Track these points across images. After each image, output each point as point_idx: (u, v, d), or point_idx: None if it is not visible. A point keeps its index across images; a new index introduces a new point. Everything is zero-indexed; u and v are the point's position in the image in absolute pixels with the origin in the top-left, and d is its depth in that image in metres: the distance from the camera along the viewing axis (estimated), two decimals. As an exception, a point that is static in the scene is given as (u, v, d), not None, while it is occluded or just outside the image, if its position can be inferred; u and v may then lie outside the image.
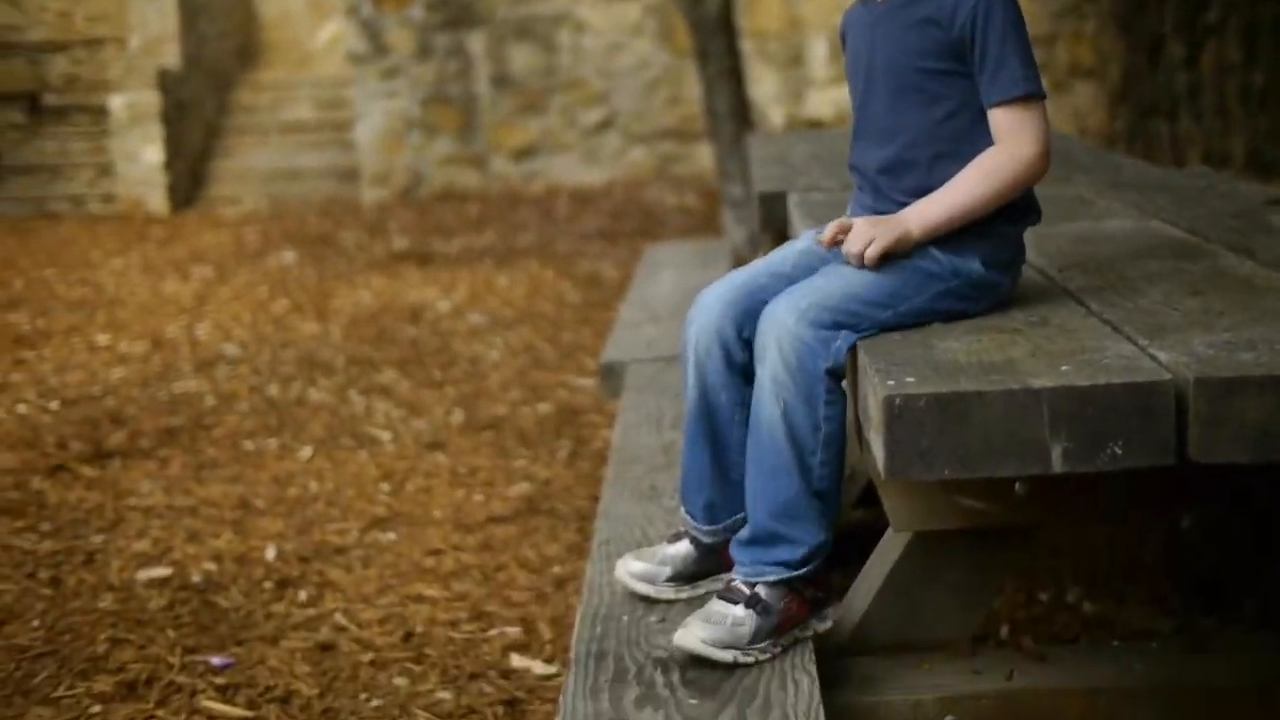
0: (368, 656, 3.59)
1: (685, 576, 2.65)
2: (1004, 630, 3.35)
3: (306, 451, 5.35)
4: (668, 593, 2.65)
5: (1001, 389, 2.06)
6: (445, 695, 3.39)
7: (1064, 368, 2.14)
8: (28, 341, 7.22)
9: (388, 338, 7.02)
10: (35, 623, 3.85)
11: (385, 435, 5.53)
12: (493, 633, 3.74)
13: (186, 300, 8.01)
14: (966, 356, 2.24)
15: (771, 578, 2.41)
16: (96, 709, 3.36)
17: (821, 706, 2.21)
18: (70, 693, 3.44)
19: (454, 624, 3.79)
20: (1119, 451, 2.07)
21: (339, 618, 3.84)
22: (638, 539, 2.97)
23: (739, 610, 2.39)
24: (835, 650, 2.61)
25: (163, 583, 4.10)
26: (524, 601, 3.95)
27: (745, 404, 2.52)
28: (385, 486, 4.94)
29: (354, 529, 4.53)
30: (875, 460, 2.15)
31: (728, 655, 2.35)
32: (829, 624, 2.50)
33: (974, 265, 2.49)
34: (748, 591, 2.41)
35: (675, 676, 2.34)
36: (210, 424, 5.74)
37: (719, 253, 6.80)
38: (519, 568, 4.19)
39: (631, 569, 2.67)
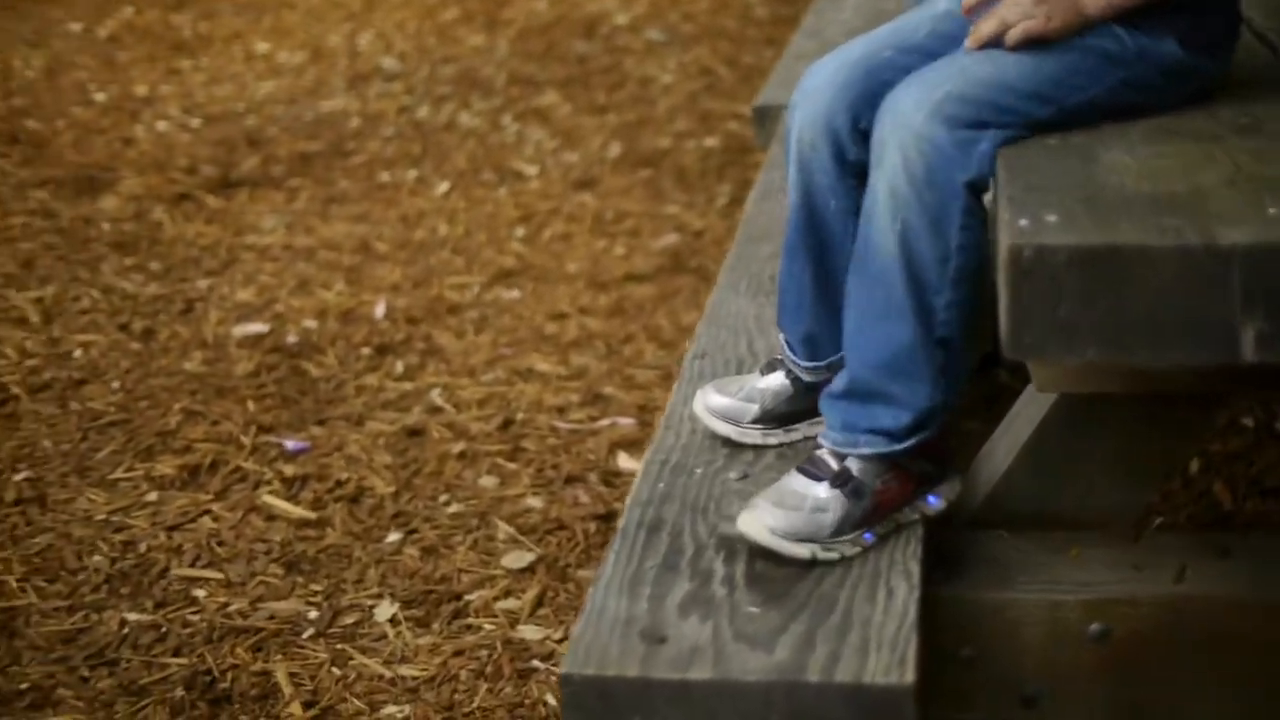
0: (458, 447, 3.19)
1: (776, 417, 2.14)
2: (1193, 465, 2.78)
3: (443, 187, 4.90)
4: (753, 436, 2.15)
5: (1175, 244, 1.46)
6: (534, 503, 2.97)
7: (1272, 210, 1.53)
8: (187, 48, 6.84)
9: (556, 53, 6.46)
10: (115, 384, 3.54)
11: (532, 170, 5.04)
12: (603, 423, 3.30)
13: (355, 5, 7.52)
14: (1138, 181, 1.64)
15: (866, 450, 1.88)
16: (152, 496, 3.03)
17: (915, 630, 1.71)
18: (129, 475, 3.12)
19: (562, 410, 3.36)
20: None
21: (435, 396, 3.43)
22: (740, 355, 2.46)
23: (822, 491, 1.87)
24: (964, 519, 2.10)
25: (255, 342, 3.74)
26: (646, 384, 3.50)
27: (858, 213, 1.95)
28: (520, 232, 4.48)
29: (476, 283, 4.09)
30: (999, 324, 1.59)
31: (803, 550, 1.84)
32: (942, 506, 1.97)
33: (1168, 46, 1.86)
34: (835, 466, 1.89)
35: (739, 568, 1.86)
36: (350, 150, 5.32)
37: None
38: (648, 340, 3.72)
39: (711, 404, 2.17)
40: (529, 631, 2.58)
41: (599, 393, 3.44)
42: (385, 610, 2.64)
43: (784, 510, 1.84)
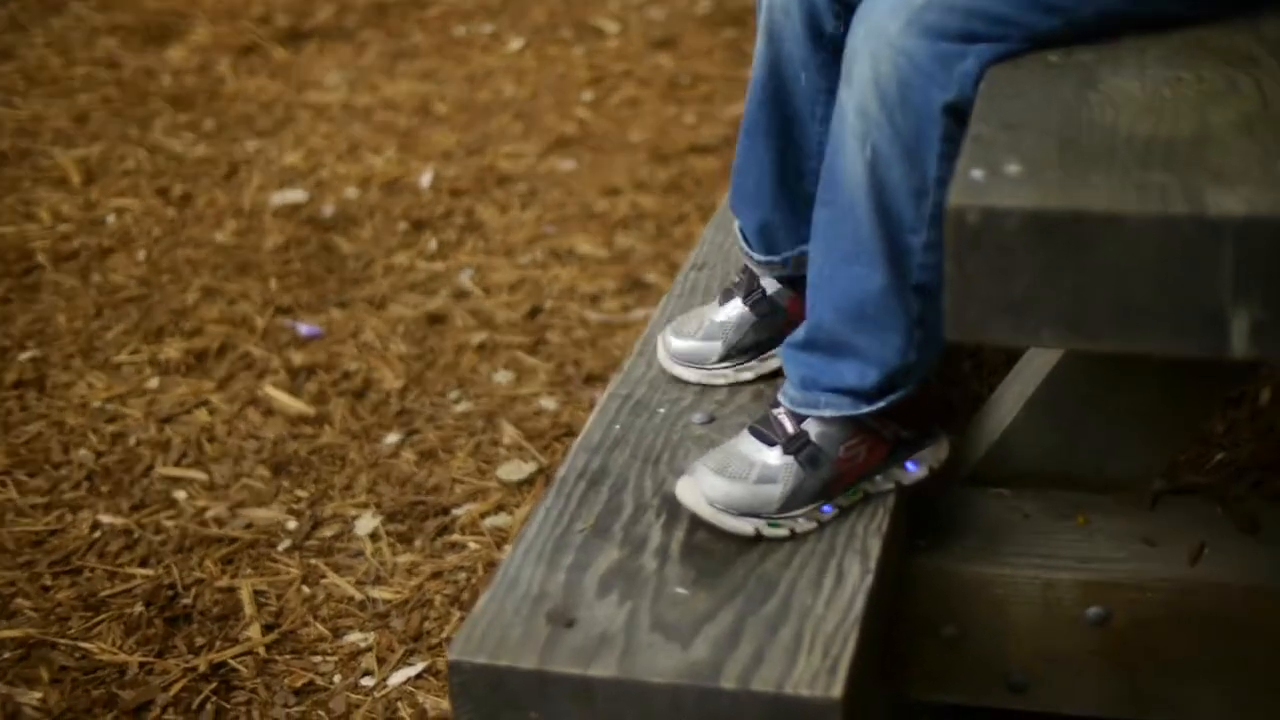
0: (478, 337, 3.00)
1: (745, 349, 1.91)
2: (1265, 395, 2.50)
3: (516, 44, 4.66)
4: (725, 375, 1.92)
5: (1155, 213, 1.19)
6: (547, 404, 2.78)
7: (1284, 167, 1.25)
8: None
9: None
10: (141, 255, 3.40)
11: (612, 27, 4.77)
12: (636, 314, 3.09)
13: None
14: (1136, 118, 1.36)
15: (828, 412, 1.64)
16: (153, 383, 2.89)
17: (858, 627, 1.48)
18: (133, 358, 2.98)
19: (594, 300, 3.14)
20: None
21: (465, 279, 3.23)
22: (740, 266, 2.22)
23: (772, 458, 1.63)
24: (963, 476, 1.86)
25: (291, 212, 3.57)
26: (692, 271, 3.26)
27: (832, 92, 1.69)
28: (587, 96, 4.23)
29: (532, 152, 3.87)
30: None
31: (746, 526, 1.62)
32: (922, 474, 1.72)
33: (1206, -58, 1.56)
34: (791, 429, 1.65)
35: (678, 535, 1.64)
36: (429, 0, 5.09)
37: None
38: (700, 221, 3.48)
39: (673, 349, 1.94)
40: (516, 554, 2.40)
41: (638, 279, 3.22)
42: (367, 523, 2.47)
43: (725, 479, 1.61)
